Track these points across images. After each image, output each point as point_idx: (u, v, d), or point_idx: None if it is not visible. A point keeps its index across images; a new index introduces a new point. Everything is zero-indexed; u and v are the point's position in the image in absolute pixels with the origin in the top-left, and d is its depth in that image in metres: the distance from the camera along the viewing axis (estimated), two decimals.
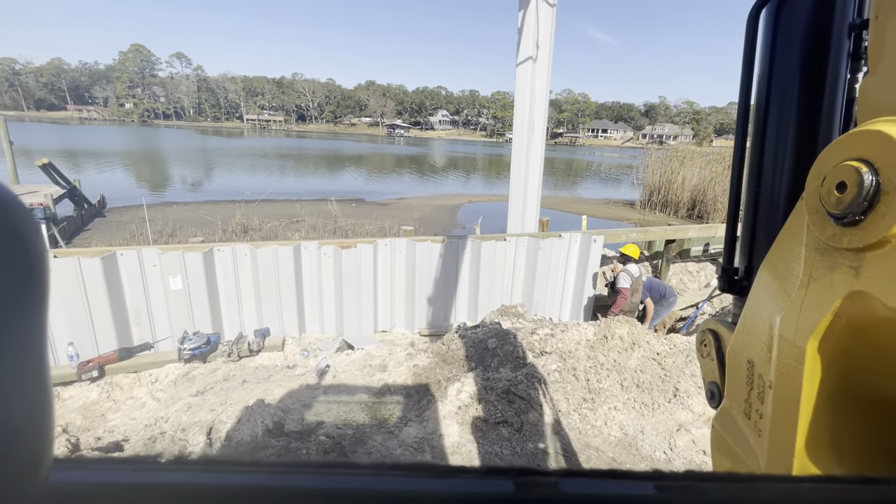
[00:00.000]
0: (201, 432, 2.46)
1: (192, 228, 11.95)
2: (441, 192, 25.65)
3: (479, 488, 0.29)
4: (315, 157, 47.31)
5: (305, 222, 13.75)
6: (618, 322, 3.50)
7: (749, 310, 0.74)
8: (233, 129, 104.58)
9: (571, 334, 3.47)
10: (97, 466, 0.29)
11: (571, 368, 3.11)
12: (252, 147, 55.92)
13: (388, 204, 20.10)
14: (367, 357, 3.96)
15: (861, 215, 0.50)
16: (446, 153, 65.60)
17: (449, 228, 15.52)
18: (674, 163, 19.92)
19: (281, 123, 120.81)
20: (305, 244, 5.86)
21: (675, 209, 19.91)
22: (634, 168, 24.49)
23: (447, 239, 6.52)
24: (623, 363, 3.17)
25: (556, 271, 7.17)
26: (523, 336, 3.56)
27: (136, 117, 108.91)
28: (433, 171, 38.38)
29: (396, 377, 3.30)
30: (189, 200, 18.25)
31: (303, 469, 0.30)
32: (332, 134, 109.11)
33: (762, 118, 0.88)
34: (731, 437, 0.79)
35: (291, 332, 5.98)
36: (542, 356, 3.24)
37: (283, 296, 5.80)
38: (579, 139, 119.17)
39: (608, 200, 24.03)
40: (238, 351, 4.08)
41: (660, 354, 3.28)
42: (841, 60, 0.79)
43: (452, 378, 3.08)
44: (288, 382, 3.33)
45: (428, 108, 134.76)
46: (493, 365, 3.19)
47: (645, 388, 2.99)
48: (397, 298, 6.54)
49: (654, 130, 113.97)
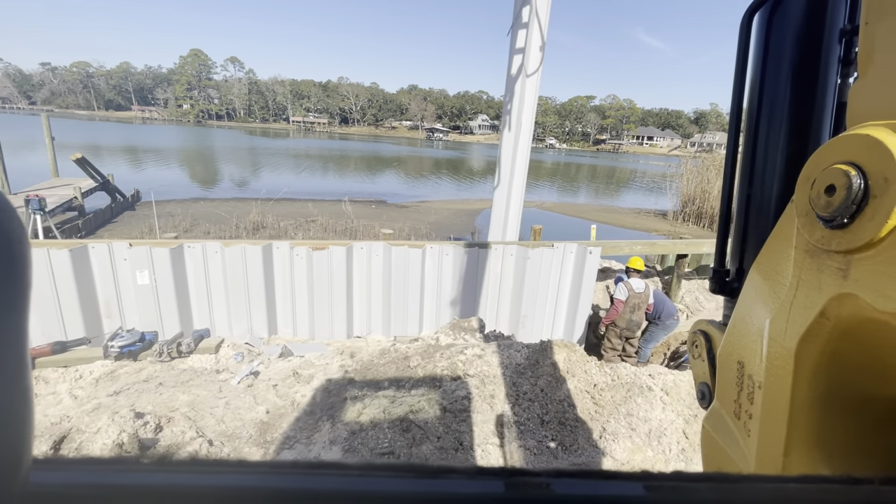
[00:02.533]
0: (60, 440, 2.35)
1: (206, 224, 12.32)
2: (466, 196, 25.40)
3: (469, 489, 0.29)
4: (352, 158, 48.38)
5: (318, 222, 13.89)
6: (556, 347, 3.10)
7: (739, 311, 0.75)
8: (279, 129, 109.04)
9: (501, 356, 3.11)
10: (79, 467, 0.29)
11: (489, 396, 2.76)
12: (295, 147, 58.00)
13: (408, 206, 20.06)
14: (302, 365, 3.77)
15: (849, 218, 0.50)
16: (482, 157, 65.32)
17: (463, 233, 15.25)
18: (710, 172, 18.67)
19: (324, 125, 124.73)
20: (277, 244, 5.78)
21: (711, 221, 18.63)
22: (670, 177, 23.21)
23: (427, 244, 6.27)
24: (550, 394, 2.78)
25: (546, 283, 6.74)
26: (451, 355, 3.23)
27: (191, 118, 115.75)
28: (463, 175, 38.21)
29: (310, 391, 3.08)
30: (217, 197, 18.95)
31: (290, 470, 0.29)
32: (373, 136, 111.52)
33: (754, 121, 0.89)
34: (721, 437, 0.80)
35: (261, 332, 5.91)
36: (460, 379, 2.91)
37: (253, 296, 5.74)
38: (623, 146, 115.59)
39: (640, 210, 22.91)
40: (169, 351, 4.00)
41: (596, 387, 2.86)
42: (831, 65, 0.79)
43: (359, 397, 2.82)
44: (199, 389, 3.19)
45: (468, 113, 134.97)
46: (408, 385, 2.90)
47: (569, 424, 2.59)
48: (374, 303, 6.34)
49: (704, 139, 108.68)
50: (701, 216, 19.04)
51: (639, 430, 2.53)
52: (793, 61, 0.82)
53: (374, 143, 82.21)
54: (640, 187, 35.01)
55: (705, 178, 18.99)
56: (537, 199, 25.51)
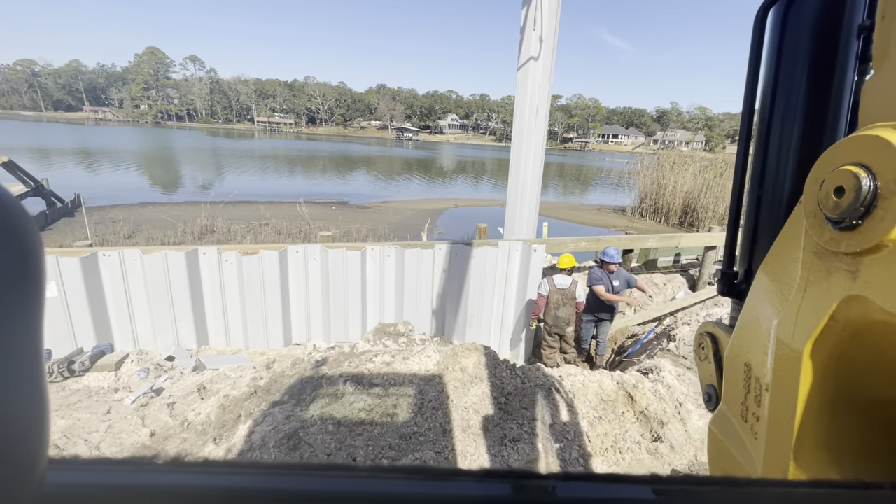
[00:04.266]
0: None
1: (150, 230, 11.71)
2: (431, 195, 25.25)
3: (476, 491, 0.29)
4: (318, 158, 47.40)
5: (272, 225, 13.45)
6: (467, 350, 3.00)
7: (747, 313, 0.74)
8: (243, 130, 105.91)
9: (412, 362, 2.98)
10: (93, 467, 0.29)
11: (391, 407, 2.62)
12: (259, 148, 56.36)
13: (370, 207, 19.75)
14: (214, 380, 3.53)
15: (859, 220, 0.50)
16: (451, 157, 65.33)
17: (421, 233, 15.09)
18: (664, 168, 19.17)
19: (291, 126, 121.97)
20: (203, 250, 5.47)
21: (666, 216, 19.15)
22: (627, 174, 23.75)
23: (367, 246, 6.09)
24: (457, 400, 2.67)
25: (493, 282, 6.67)
26: (361, 363, 3.07)
27: (149, 118, 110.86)
28: (431, 175, 38.03)
29: (208, 409, 2.86)
30: (167, 201, 18.11)
31: (300, 471, 0.30)
32: (342, 137, 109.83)
33: (767, 120, 0.87)
34: (728, 440, 0.79)
35: (189, 343, 5.59)
36: (363, 389, 2.74)
37: (178, 306, 5.42)
38: (589, 144, 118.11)
39: (601, 207, 23.34)
40: (60, 371, 3.68)
41: (504, 391, 2.76)
42: (849, 62, 0.77)
43: (254, 414, 2.63)
44: (83, 412, 2.91)
45: (438, 112, 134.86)
46: (308, 399, 2.72)
47: (471, 432, 2.49)
48: (313, 309, 6.11)
49: (666, 136, 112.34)
50: (657, 211, 19.53)
51: (541, 436, 2.45)
52: (808, 58, 0.79)
53: (343, 144, 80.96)
54: (604, 184, 35.77)
55: (660, 174, 19.48)
56: (500, 198, 25.65)
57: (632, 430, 2.62)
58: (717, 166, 18.24)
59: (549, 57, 6.20)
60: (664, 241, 8.15)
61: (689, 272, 9.46)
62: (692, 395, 3.06)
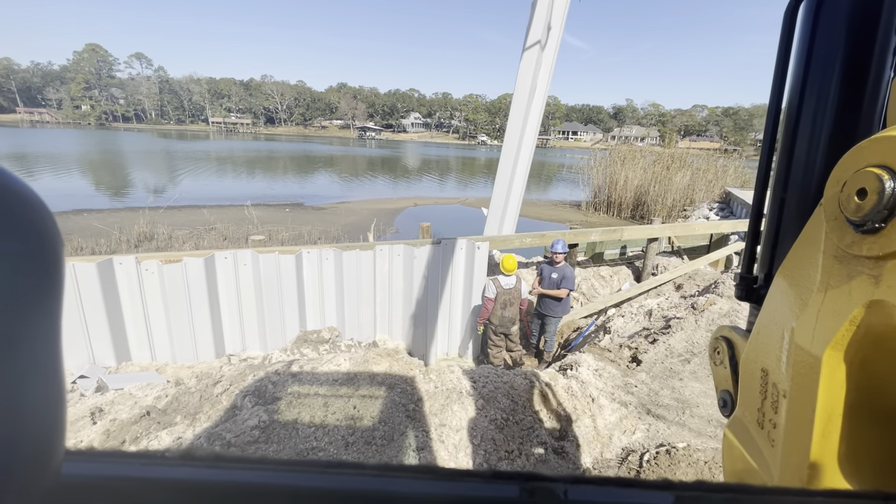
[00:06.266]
0: None
1: (79, 239, 10.93)
2: (390, 195, 24.95)
3: (485, 492, 0.29)
4: (277, 159, 46.00)
5: (217, 230, 12.87)
6: (378, 356, 2.89)
7: (764, 318, 0.73)
8: (197, 131, 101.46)
9: (320, 372, 2.83)
10: (108, 460, 0.30)
11: (291, 420, 2.48)
12: (214, 150, 54.08)
13: (325, 208, 19.27)
14: (115, 400, 3.24)
15: (881, 223, 0.49)
16: (414, 155, 64.94)
17: (380, 234, 14.85)
18: (616, 163, 19.73)
19: (248, 126, 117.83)
20: (119, 259, 5.09)
21: (619, 210, 19.72)
22: (578, 169, 24.33)
23: (303, 249, 5.86)
24: (364, 410, 2.56)
25: (436, 282, 6.58)
26: (265, 376, 2.89)
27: (92, 120, 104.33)
28: (392, 174, 37.64)
29: (92, 436, 2.61)
30: (105, 207, 17.02)
31: (310, 468, 0.30)
32: (302, 137, 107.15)
33: (794, 121, 0.83)
34: (744, 446, 0.78)
35: (107, 360, 5.19)
36: (261, 404, 2.58)
37: (92, 321, 5.02)
38: (550, 141, 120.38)
39: (557, 202, 23.77)
40: None
41: (414, 397, 2.68)
42: (886, 61, 0.74)
43: (136, 440, 2.41)
44: None
45: (400, 111, 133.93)
46: (202, 419, 2.53)
47: (376, 444, 2.37)
48: (247, 318, 5.83)
49: (622, 132, 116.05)
50: (610, 205, 20.08)
51: (447, 442, 2.37)
52: (842, 56, 0.75)
53: (303, 144, 78.99)
54: (562, 180, 36.50)
55: (612, 169, 20.04)
56: (461, 196, 25.68)
57: (539, 431, 2.59)
58: (664, 160, 18.94)
59: (553, 46, 6.26)
60: (607, 235, 8.32)
61: (634, 264, 9.72)
62: (608, 389, 3.08)
